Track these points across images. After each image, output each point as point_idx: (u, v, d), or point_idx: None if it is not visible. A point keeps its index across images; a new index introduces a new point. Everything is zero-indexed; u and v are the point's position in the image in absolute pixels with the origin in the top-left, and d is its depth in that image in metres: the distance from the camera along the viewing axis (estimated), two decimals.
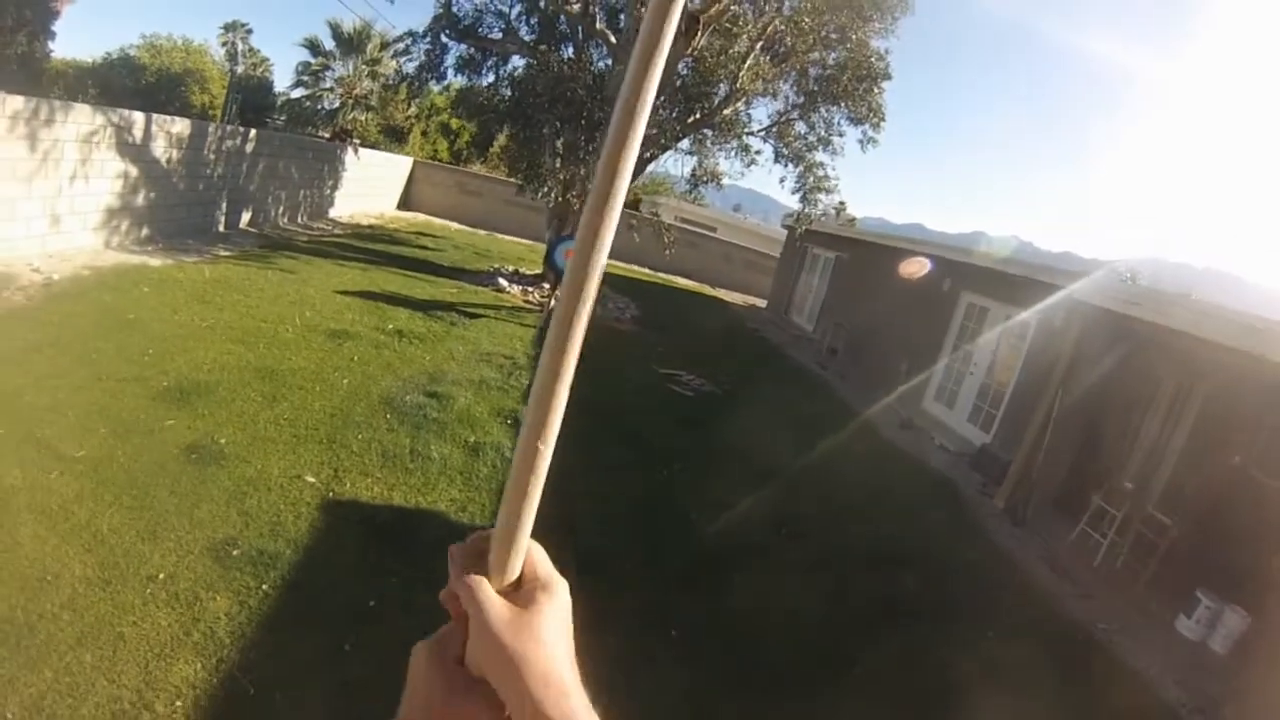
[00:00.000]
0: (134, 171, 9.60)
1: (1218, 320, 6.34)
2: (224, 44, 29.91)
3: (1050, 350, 9.24)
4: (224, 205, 12.19)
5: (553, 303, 11.51)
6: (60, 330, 5.95)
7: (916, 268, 12.60)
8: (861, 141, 13.45)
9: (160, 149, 10.12)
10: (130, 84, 23.90)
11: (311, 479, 4.61)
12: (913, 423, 10.62)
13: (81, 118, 8.54)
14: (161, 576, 3.43)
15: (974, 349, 11.09)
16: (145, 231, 10.09)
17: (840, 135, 13.50)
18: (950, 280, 12.00)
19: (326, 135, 22.09)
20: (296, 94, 22.99)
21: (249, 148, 12.61)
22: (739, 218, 33.00)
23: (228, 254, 10.51)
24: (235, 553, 3.71)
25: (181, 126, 10.47)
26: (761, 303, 21.85)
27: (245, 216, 13.04)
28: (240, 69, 29.69)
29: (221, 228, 12.21)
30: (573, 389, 0.52)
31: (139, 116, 9.54)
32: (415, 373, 7.17)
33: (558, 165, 13.63)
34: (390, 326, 8.53)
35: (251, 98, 27.15)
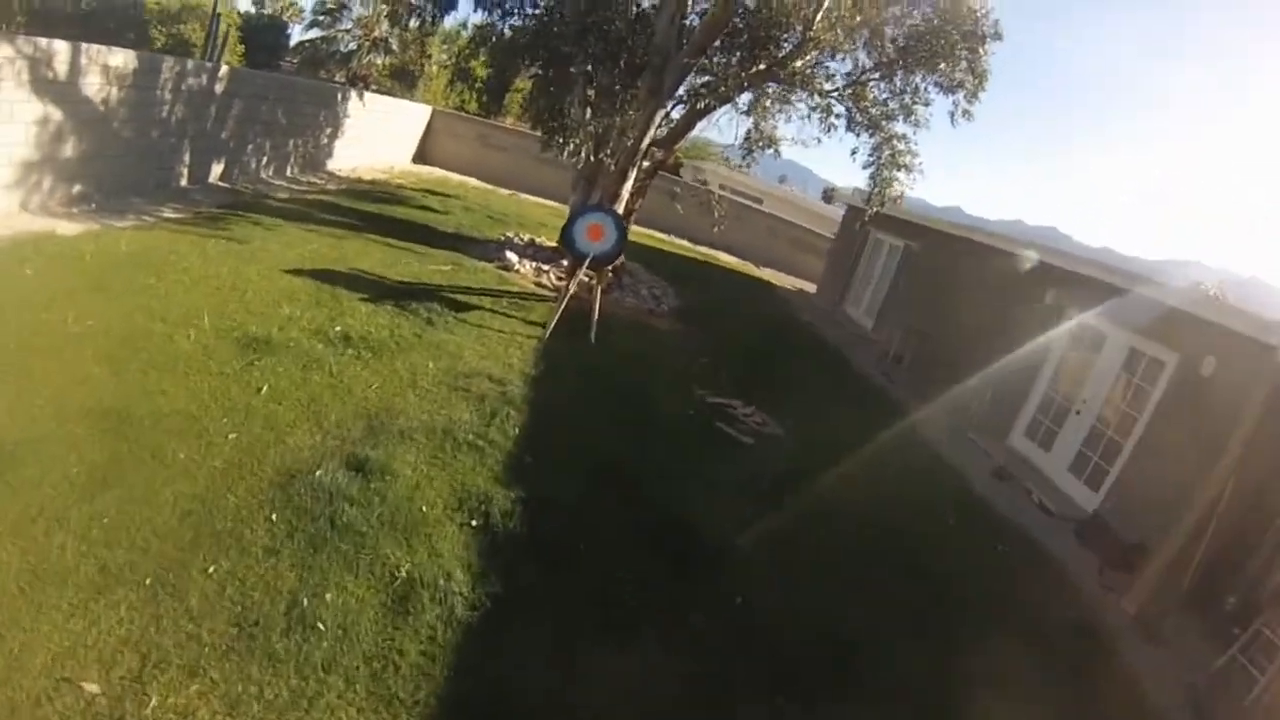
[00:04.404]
0: (58, 115, 7.65)
1: None
2: None
3: (1199, 402, 7.07)
4: (187, 155, 10.22)
5: (572, 289, 8.53)
6: None
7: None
8: (952, 113, 11.09)
9: (94, 87, 8.12)
10: (69, 10, 20.19)
11: (93, 688, 2.57)
12: (1008, 472, 8.49)
13: None
14: None
15: (1084, 382, 8.87)
16: (78, 188, 8.20)
17: (926, 105, 11.15)
18: (1055, 292, 9.71)
19: (342, 79, 20.11)
20: (312, 34, 21.10)
21: (219, 87, 10.56)
22: (786, 189, 30.23)
23: (174, 216, 8.57)
24: None
25: (122, 60, 8.43)
26: (810, 287, 19.51)
27: (216, 169, 11.07)
28: (268, 9, 27.64)
29: (185, 182, 10.28)
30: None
31: (62, 46, 7.53)
32: (348, 416, 4.93)
33: (587, 116, 11.35)
34: (338, 328, 6.34)
35: (262, 38, 25.09)
